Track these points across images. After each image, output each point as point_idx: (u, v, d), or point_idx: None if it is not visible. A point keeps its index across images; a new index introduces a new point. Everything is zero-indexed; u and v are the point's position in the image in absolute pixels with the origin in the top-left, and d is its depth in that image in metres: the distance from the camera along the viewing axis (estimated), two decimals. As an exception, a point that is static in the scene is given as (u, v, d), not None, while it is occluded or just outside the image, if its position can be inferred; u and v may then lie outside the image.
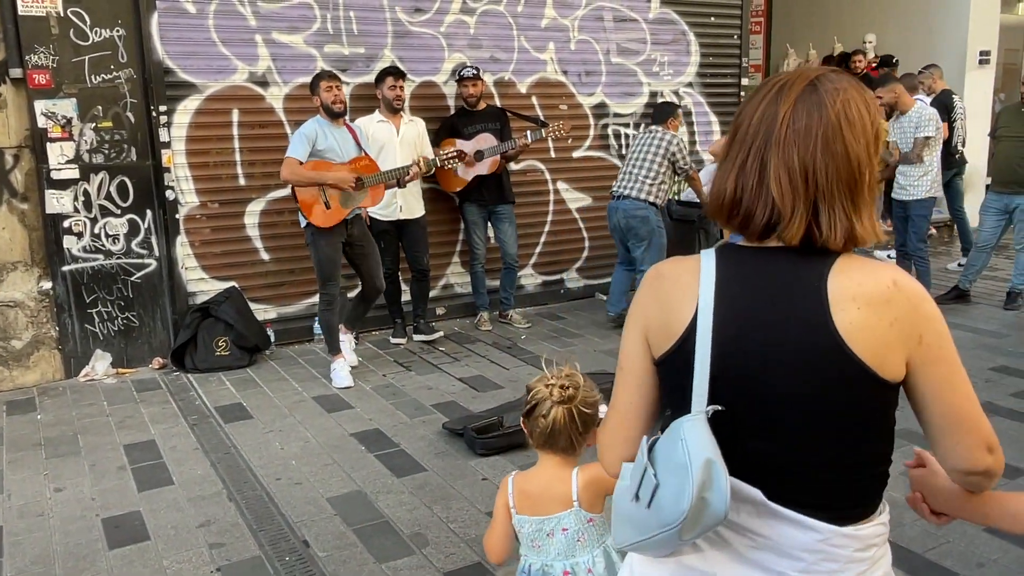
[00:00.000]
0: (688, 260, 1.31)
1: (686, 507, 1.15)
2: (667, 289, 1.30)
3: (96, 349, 5.50)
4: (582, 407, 1.94)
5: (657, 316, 1.30)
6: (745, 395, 1.23)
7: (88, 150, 5.33)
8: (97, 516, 3.59)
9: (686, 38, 7.54)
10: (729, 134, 1.32)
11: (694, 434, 1.19)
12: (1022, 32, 10.51)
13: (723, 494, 1.16)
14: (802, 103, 1.23)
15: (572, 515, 1.96)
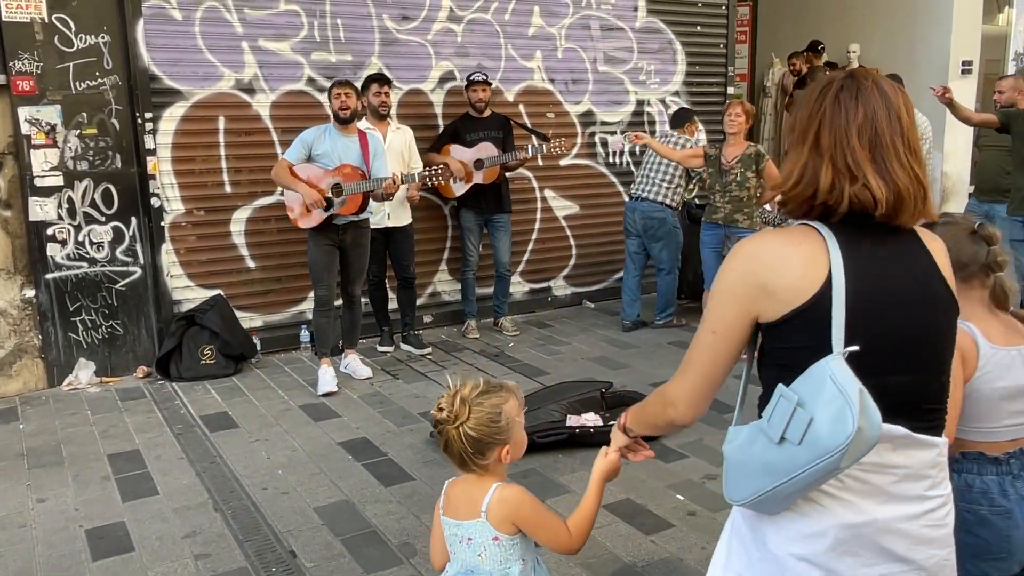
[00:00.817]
0: (795, 231, 1.47)
1: (852, 430, 1.27)
2: (787, 255, 1.43)
3: (80, 358, 5.45)
4: (469, 430, 1.87)
5: (777, 279, 1.42)
6: (884, 338, 1.41)
7: (72, 157, 5.29)
8: (81, 527, 3.55)
9: (672, 47, 7.58)
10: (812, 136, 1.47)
11: (841, 370, 1.32)
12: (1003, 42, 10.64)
13: (877, 422, 1.30)
14: (883, 99, 1.45)
15: (477, 525, 1.92)
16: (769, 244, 1.47)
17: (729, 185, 5.63)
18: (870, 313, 1.40)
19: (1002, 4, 10.71)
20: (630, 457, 1.92)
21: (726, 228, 5.71)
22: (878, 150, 1.42)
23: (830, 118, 1.45)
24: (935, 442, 1.47)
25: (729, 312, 1.48)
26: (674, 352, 5.90)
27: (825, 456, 1.29)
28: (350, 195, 5.09)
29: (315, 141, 5.11)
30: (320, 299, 5.28)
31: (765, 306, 1.44)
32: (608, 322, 6.82)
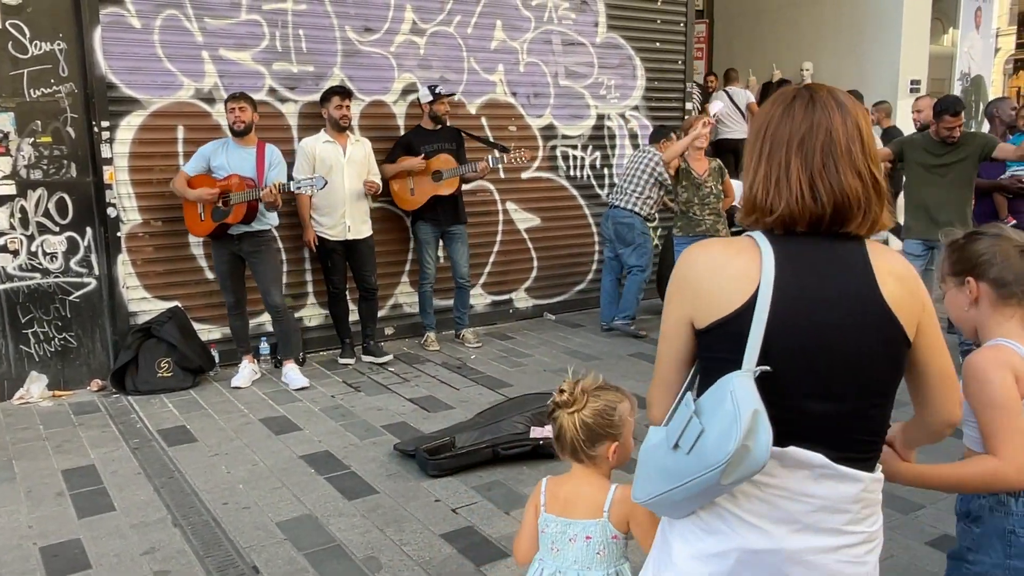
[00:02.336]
0: (738, 241, 1.46)
1: (732, 449, 1.27)
2: (721, 265, 1.43)
3: (31, 371, 5.31)
4: (586, 417, 1.94)
5: (709, 289, 1.43)
6: (804, 359, 1.38)
7: (26, 165, 5.18)
8: (34, 544, 3.46)
9: (632, 62, 7.68)
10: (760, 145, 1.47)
11: (742, 388, 1.32)
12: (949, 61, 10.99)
13: (765, 444, 1.28)
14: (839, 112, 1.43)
15: (599, 525, 1.95)
16: (708, 251, 1.48)
17: (707, 198, 5.90)
18: (793, 332, 1.38)
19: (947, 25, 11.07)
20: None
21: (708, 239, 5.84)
22: (830, 157, 1.40)
23: (775, 127, 1.45)
24: (859, 476, 1.42)
25: (671, 315, 1.50)
26: (635, 363, 5.96)
27: (707, 470, 1.31)
28: (236, 203, 5.27)
29: (212, 154, 5.39)
30: (228, 304, 5.60)
31: (696, 312, 1.45)
32: (569, 333, 6.86)
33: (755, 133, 1.48)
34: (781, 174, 1.42)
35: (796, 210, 1.40)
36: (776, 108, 1.46)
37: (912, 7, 9.41)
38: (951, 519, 3.61)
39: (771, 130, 1.45)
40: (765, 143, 1.45)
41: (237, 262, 5.48)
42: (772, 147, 1.44)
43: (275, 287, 5.54)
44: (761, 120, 1.48)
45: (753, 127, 1.50)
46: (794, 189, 1.40)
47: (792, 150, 1.42)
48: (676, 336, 1.49)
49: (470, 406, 5.05)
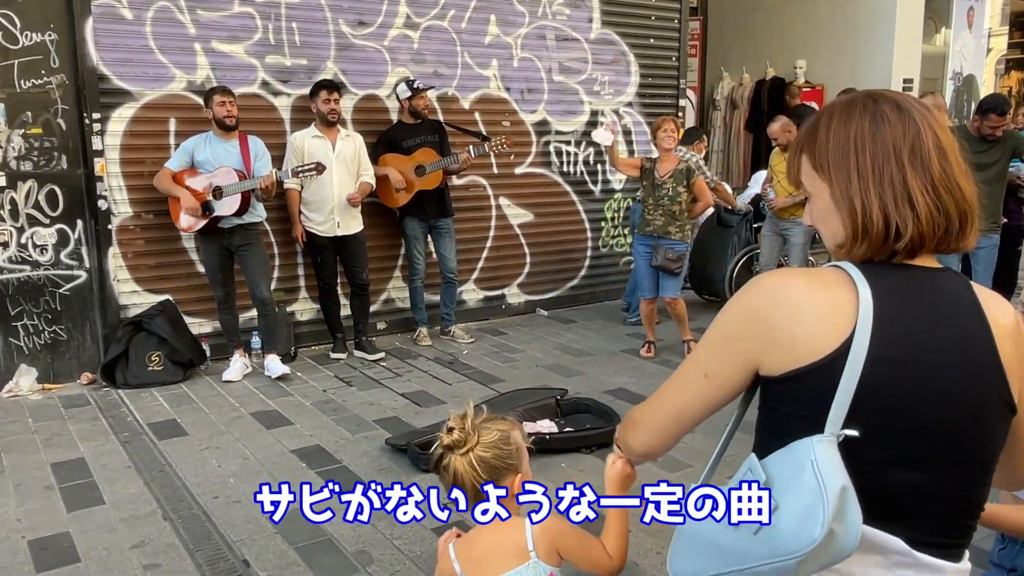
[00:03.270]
0: (826, 273, 1.22)
1: (818, 536, 1.06)
2: (807, 301, 1.18)
3: (21, 364, 5.28)
4: (482, 453, 1.72)
5: (790, 329, 1.17)
6: (899, 419, 1.15)
7: (16, 157, 5.14)
8: (23, 538, 3.44)
9: (626, 59, 7.68)
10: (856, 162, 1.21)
11: (827, 457, 1.09)
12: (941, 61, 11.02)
13: (855, 528, 1.08)
14: (930, 115, 1.23)
15: (530, 567, 1.71)
16: (790, 282, 1.21)
17: (662, 199, 5.79)
18: (890, 387, 1.14)
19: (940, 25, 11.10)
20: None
21: (658, 239, 5.82)
22: (946, 162, 1.20)
23: (871, 138, 1.21)
24: (943, 568, 1.18)
25: (727, 352, 1.24)
26: (626, 359, 5.96)
27: (780, 557, 1.09)
28: (230, 195, 5.22)
29: (195, 149, 5.33)
30: (218, 298, 5.56)
31: (766, 356, 1.20)
32: (562, 329, 6.86)
33: (840, 152, 1.22)
34: (899, 193, 1.18)
35: (928, 231, 1.18)
36: (859, 119, 1.22)
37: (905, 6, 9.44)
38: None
39: (867, 143, 1.20)
40: (863, 160, 1.20)
41: (227, 256, 5.45)
42: (875, 162, 1.19)
43: (264, 281, 5.52)
44: (843, 135, 1.22)
45: (831, 144, 1.24)
46: (921, 205, 1.17)
47: (904, 160, 1.18)
48: (726, 379, 1.25)
49: (462, 401, 5.00)
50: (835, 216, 1.24)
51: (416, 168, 6.03)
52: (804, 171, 1.29)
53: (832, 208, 1.24)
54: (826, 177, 1.24)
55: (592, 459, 4.20)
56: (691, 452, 4.06)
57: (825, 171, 1.24)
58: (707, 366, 1.27)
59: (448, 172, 6.22)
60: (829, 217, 1.26)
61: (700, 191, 5.88)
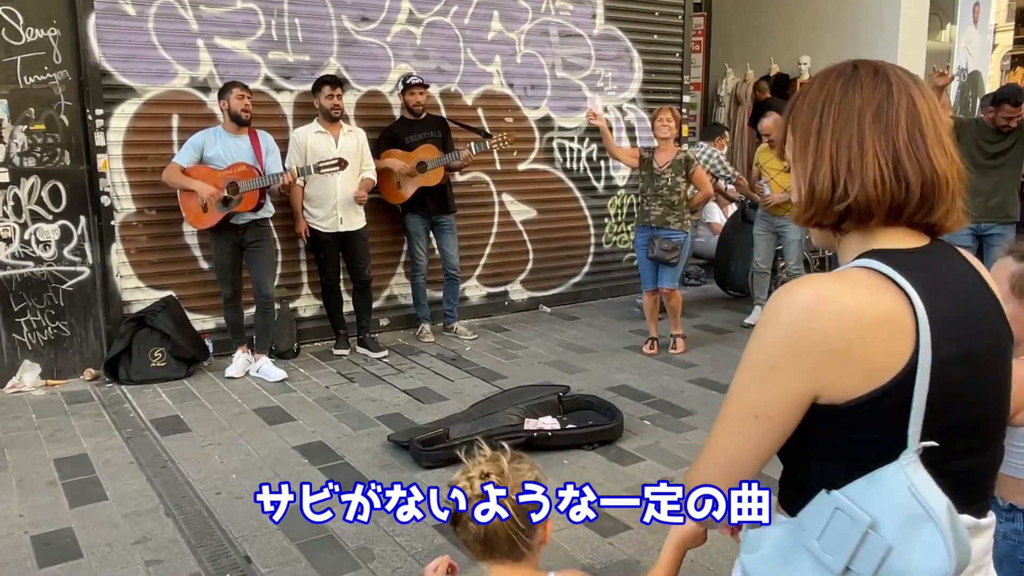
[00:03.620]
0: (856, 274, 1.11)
1: (951, 569, 1.01)
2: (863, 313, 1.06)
3: (24, 360, 5.29)
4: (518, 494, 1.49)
5: (853, 350, 1.06)
6: (966, 413, 1.12)
7: (19, 153, 5.15)
8: (26, 533, 3.45)
9: (630, 55, 7.66)
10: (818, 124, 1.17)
11: (923, 481, 1.03)
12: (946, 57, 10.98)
13: (968, 545, 1.03)
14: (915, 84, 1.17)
15: None
16: (836, 295, 1.08)
17: (661, 189, 5.78)
18: (957, 383, 1.09)
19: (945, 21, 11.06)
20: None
21: (656, 229, 5.81)
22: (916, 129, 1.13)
23: (838, 101, 1.16)
24: (991, 523, 1.19)
25: (778, 390, 1.09)
26: (629, 356, 5.96)
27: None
28: (247, 192, 5.16)
29: (205, 144, 5.25)
30: (226, 297, 5.48)
31: (828, 385, 1.07)
32: (564, 326, 6.85)
33: (808, 112, 1.19)
34: (854, 154, 1.13)
35: (874, 195, 1.11)
36: (834, 81, 1.18)
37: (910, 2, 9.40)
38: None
39: (833, 105, 1.16)
40: (826, 121, 1.16)
41: (238, 253, 5.40)
42: (836, 124, 1.15)
43: (269, 277, 5.53)
44: (815, 96, 1.18)
45: (804, 106, 1.20)
46: (871, 169, 1.11)
47: (866, 124, 1.13)
48: (780, 418, 1.10)
49: (464, 398, 5.04)
50: (795, 177, 1.21)
51: (418, 164, 6.03)
52: (788, 140, 1.24)
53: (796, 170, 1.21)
54: (794, 138, 1.21)
55: (594, 456, 4.20)
56: (697, 450, 4.05)
57: (795, 133, 1.21)
58: (755, 406, 1.11)
59: (450, 168, 6.21)
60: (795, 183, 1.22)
61: (700, 181, 5.89)
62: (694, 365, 5.76)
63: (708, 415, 4.74)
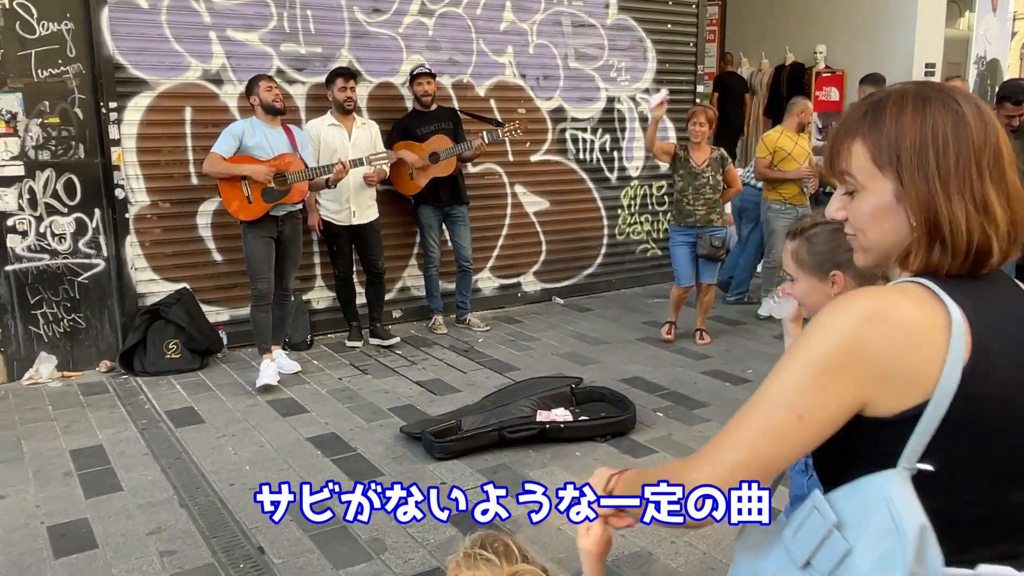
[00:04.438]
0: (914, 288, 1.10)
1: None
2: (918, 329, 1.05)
3: (41, 352, 5.34)
4: None
5: (908, 363, 1.04)
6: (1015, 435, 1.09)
7: (34, 146, 5.18)
8: (42, 524, 3.48)
9: (643, 44, 7.61)
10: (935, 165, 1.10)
11: (903, 494, 1.02)
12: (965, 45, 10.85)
13: (936, 569, 1.00)
14: (998, 126, 1.13)
15: None
16: (898, 308, 1.06)
17: (703, 188, 5.76)
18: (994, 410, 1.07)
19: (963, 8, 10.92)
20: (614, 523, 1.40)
21: (700, 228, 5.80)
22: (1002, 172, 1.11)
23: (952, 140, 1.09)
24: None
25: (829, 395, 1.06)
26: (642, 348, 5.94)
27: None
28: (295, 183, 5.06)
29: (244, 133, 5.03)
30: (261, 293, 5.19)
31: (879, 396, 1.05)
32: (577, 317, 6.84)
33: (919, 151, 1.10)
34: (978, 200, 1.08)
35: (1003, 245, 1.10)
36: (942, 118, 1.10)
37: (928, -11, 9.29)
38: None
39: (949, 147, 1.09)
40: (943, 164, 1.09)
41: (272, 246, 5.18)
42: (958, 169, 1.09)
43: (293, 272, 5.47)
44: (921, 132, 1.10)
45: (911, 141, 1.11)
46: (1001, 222, 1.08)
47: (985, 171, 1.09)
48: (825, 425, 1.08)
49: (477, 389, 5.04)
50: (897, 218, 1.12)
51: (431, 155, 6.02)
52: (857, 162, 1.14)
53: (895, 209, 1.12)
54: (892, 174, 1.11)
55: (607, 447, 4.19)
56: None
57: (893, 167, 1.11)
58: (800, 408, 1.08)
59: (462, 159, 6.20)
60: (887, 218, 1.13)
61: (733, 178, 5.95)
62: (708, 357, 5.73)
63: (721, 407, 4.72)
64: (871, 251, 1.18)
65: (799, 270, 1.88)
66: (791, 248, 1.90)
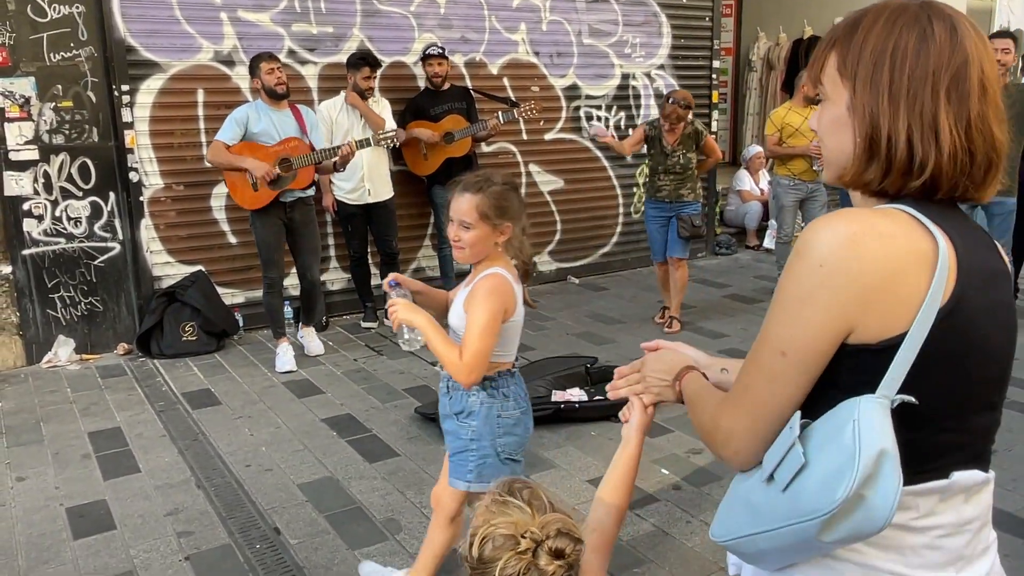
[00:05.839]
0: (897, 213, 1.08)
1: (839, 497, 0.97)
2: (904, 251, 1.04)
3: (59, 335, 5.38)
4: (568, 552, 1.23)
5: (892, 286, 1.03)
6: (997, 368, 1.12)
7: (48, 130, 5.19)
8: (61, 505, 3.51)
9: (658, 19, 7.51)
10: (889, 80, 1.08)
11: (872, 418, 1.00)
12: (988, 16, 10.64)
13: (888, 499, 0.97)
14: (983, 44, 1.10)
15: None
16: (877, 229, 1.04)
17: (673, 167, 5.67)
18: (989, 341, 1.09)
19: (987, -22, 10.70)
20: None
21: (672, 204, 5.70)
22: (985, 103, 1.08)
23: (912, 58, 1.07)
24: (991, 477, 1.17)
25: (811, 325, 1.05)
26: (658, 328, 5.90)
27: (801, 518, 1.01)
28: (301, 168, 4.97)
29: (249, 119, 4.94)
30: (272, 280, 5.17)
31: (864, 322, 1.04)
32: (593, 297, 6.81)
33: (875, 61, 1.09)
34: (927, 122, 1.06)
35: (949, 170, 1.07)
36: (905, 31, 1.08)
37: (950, -41, 9.10)
38: None
39: (907, 61, 1.07)
40: (899, 77, 1.07)
41: (282, 232, 5.14)
42: (912, 84, 1.07)
43: (315, 260, 5.36)
44: (882, 44, 1.09)
45: (868, 54, 1.10)
46: (946, 142, 1.06)
47: (940, 92, 1.06)
48: (813, 358, 1.06)
49: (492, 370, 5.03)
50: (847, 131, 1.12)
51: (445, 135, 5.98)
52: (828, 71, 1.15)
53: (847, 121, 1.12)
54: (850, 84, 1.11)
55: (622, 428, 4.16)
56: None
57: (850, 77, 1.11)
58: (782, 342, 1.08)
59: (476, 139, 6.15)
60: (840, 130, 1.13)
61: (711, 149, 5.79)
62: (724, 335, 5.69)
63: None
64: (830, 165, 1.17)
65: (480, 221, 2.36)
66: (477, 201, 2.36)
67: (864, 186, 1.12)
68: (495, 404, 2.43)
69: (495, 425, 2.43)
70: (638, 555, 3.06)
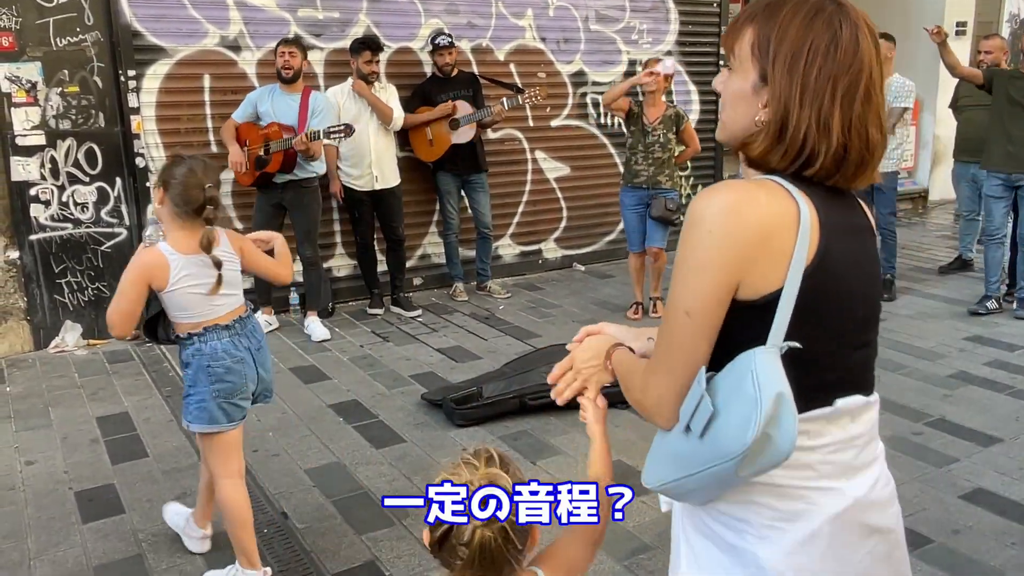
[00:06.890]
0: (770, 183, 1.22)
1: (749, 439, 1.11)
2: (777, 216, 1.19)
3: (66, 320, 5.39)
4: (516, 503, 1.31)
5: (767, 249, 1.18)
6: (865, 310, 1.30)
7: (54, 116, 5.19)
8: (70, 489, 3.53)
9: (665, 5, 7.46)
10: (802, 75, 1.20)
11: (766, 366, 1.14)
12: (997, 3, 10.54)
13: (790, 433, 1.13)
14: (874, 46, 1.25)
15: None
16: (754, 198, 1.20)
17: (652, 147, 5.53)
18: (855, 289, 1.26)
19: (997, -36, 10.59)
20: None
21: (650, 190, 5.61)
22: (867, 105, 1.22)
23: (822, 59, 1.20)
24: (877, 398, 1.35)
25: (707, 284, 1.20)
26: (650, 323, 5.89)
27: (721, 460, 1.15)
28: (275, 152, 5.23)
29: (259, 100, 5.32)
30: None
31: (746, 279, 1.19)
32: (599, 284, 6.80)
33: (793, 55, 1.20)
34: (824, 118, 1.20)
35: (830, 165, 1.23)
36: (823, 33, 1.20)
37: (960, -55, 9.02)
38: (986, 472, 3.54)
39: (817, 57, 1.20)
40: (810, 70, 1.20)
41: (278, 212, 5.41)
42: (818, 79, 1.20)
43: (308, 240, 5.50)
44: (801, 34, 1.21)
45: (788, 45, 1.21)
46: (833, 142, 1.21)
47: (837, 94, 1.20)
48: (713, 312, 1.20)
49: (498, 356, 5.04)
50: (747, 107, 1.26)
51: (451, 121, 5.97)
52: (742, 44, 1.27)
53: (750, 98, 1.26)
54: (760, 64, 1.24)
55: (627, 415, 4.16)
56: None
57: (764, 58, 1.23)
58: (685, 303, 1.22)
59: (482, 125, 6.14)
60: (740, 103, 1.27)
61: (690, 137, 5.62)
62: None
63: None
64: (725, 128, 1.33)
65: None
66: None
67: (765, 164, 1.26)
68: (204, 357, 2.80)
69: (207, 374, 2.78)
70: (644, 541, 3.07)
